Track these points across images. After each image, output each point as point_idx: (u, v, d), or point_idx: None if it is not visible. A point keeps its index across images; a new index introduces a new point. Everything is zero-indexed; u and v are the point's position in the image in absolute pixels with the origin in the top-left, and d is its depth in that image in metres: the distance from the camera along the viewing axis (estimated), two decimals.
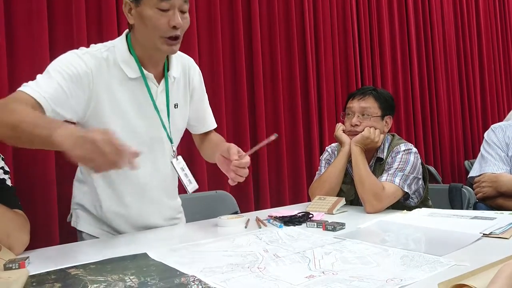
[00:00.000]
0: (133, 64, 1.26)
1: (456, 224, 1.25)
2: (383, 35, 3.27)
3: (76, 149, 0.87)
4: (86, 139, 0.87)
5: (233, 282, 0.82)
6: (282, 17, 2.70)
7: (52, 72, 1.15)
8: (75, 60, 1.18)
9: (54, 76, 1.13)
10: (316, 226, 1.29)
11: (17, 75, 1.73)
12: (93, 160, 0.87)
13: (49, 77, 1.13)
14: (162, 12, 1.17)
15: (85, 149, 0.87)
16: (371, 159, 1.74)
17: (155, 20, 1.17)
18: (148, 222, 1.40)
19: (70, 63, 1.17)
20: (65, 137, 0.89)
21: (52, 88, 1.11)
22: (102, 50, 1.25)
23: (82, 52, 1.22)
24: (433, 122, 3.60)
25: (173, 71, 1.35)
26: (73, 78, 1.16)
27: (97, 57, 1.23)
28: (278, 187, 2.58)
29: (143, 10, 1.18)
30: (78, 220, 1.40)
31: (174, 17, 1.17)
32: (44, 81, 1.12)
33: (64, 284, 0.85)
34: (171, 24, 1.17)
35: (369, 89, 1.77)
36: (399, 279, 0.80)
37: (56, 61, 1.19)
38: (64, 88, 1.14)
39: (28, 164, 1.73)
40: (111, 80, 1.24)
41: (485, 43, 4.12)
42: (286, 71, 2.69)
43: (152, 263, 0.98)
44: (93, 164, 0.88)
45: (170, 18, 1.17)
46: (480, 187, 1.72)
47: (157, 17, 1.17)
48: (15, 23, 1.73)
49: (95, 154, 0.86)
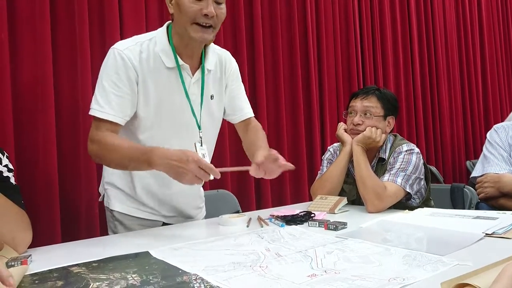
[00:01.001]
0: (171, 54, 1.33)
1: (459, 224, 1.25)
2: (385, 35, 3.27)
3: (170, 172, 1.15)
4: (185, 169, 1.12)
5: (235, 281, 0.82)
6: (284, 15, 2.70)
7: (106, 86, 1.28)
8: (120, 63, 1.28)
9: (111, 90, 1.28)
10: (318, 226, 1.29)
11: (20, 72, 1.73)
12: (183, 178, 1.13)
13: (107, 93, 1.28)
14: (197, 0, 1.24)
15: (177, 171, 1.13)
16: (373, 159, 1.74)
17: (188, 7, 1.24)
18: (178, 206, 1.50)
19: (117, 68, 1.28)
20: (162, 166, 1.16)
21: (116, 103, 1.28)
22: (142, 41, 1.33)
23: (122, 47, 1.30)
24: (435, 122, 3.59)
25: (208, 63, 1.40)
26: (125, 82, 1.29)
27: (135, 50, 1.31)
28: (279, 187, 2.58)
29: (180, 0, 1.25)
30: (110, 199, 1.46)
31: (206, 5, 1.24)
32: (105, 100, 1.27)
33: (66, 282, 0.85)
34: (203, 12, 1.23)
35: (372, 88, 1.77)
36: (401, 278, 0.80)
37: (105, 71, 1.30)
38: (120, 95, 1.28)
39: (30, 162, 1.73)
40: (150, 69, 1.32)
41: (487, 43, 4.11)
42: (287, 70, 2.69)
43: (154, 262, 0.98)
44: (184, 181, 1.13)
45: (203, 6, 1.24)
46: (483, 188, 1.72)
47: (191, 5, 1.24)
48: (18, 20, 1.73)
49: (184, 174, 1.12)
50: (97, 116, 1.28)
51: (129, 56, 1.29)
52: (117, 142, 1.25)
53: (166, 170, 1.15)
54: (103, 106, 1.27)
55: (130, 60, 1.29)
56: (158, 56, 1.32)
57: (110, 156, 1.26)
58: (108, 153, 1.26)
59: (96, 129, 1.28)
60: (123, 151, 1.23)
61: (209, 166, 1.13)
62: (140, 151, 1.21)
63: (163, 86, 1.34)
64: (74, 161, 1.85)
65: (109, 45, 1.91)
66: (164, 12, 2.12)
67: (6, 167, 1.16)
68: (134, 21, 2.03)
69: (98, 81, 1.31)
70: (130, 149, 1.23)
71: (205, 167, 1.12)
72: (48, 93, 1.76)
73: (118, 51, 1.29)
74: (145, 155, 1.18)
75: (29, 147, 1.74)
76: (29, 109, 1.74)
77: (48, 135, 1.76)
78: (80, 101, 1.86)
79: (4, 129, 1.65)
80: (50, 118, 1.76)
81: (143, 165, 1.19)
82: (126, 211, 1.44)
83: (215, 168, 1.13)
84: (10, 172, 1.16)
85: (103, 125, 1.27)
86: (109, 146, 1.24)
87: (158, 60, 1.32)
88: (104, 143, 1.25)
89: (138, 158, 1.19)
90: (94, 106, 1.29)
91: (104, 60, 1.32)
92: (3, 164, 1.15)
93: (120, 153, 1.23)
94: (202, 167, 1.11)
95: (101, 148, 1.26)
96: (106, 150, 1.25)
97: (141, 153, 1.20)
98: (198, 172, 1.11)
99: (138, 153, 1.20)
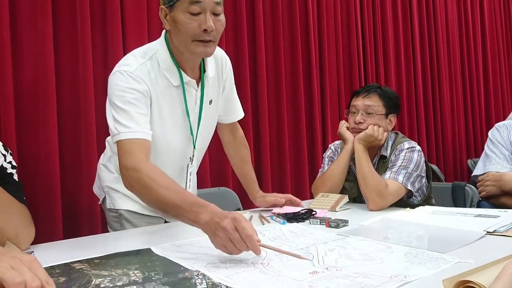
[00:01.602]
0: (175, 72, 1.28)
1: (460, 222, 1.25)
2: (386, 32, 3.26)
3: (214, 237, 0.95)
4: (219, 226, 0.92)
5: (237, 278, 0.83)
6: (285, 14, 2.69)
7: (121, 105, 1.20)
8: (131, 82, 1.22)
9: (128, 108, 1.19)
10: (319, 223, 1.29)
11: (21, 70, 1.74)
12: (225, 246, 0.93)
13: (124, 111, 1.19)
14: (193, 16, 1.16)
15: (219, 236, 0.93)
16: (374, 157, 1.74)
17: (186, 24, 1.17)
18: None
19: (130, 88, 1.21)
20: (205, 226, 0.97)
21: (143, 121, 1.20)
22: (145, 61, 1.27)
23: (131, 69, 1.24)
24: (436, 120, 3.59)
25: (209, 71, 1.35)
26: (141, 100, 1.22)
27: (144, 70, 1.25)
28: (280, 184, 2.58)
29: (176, 15, 1.18)
30: (114, 200, 1.43)
31: (205, 20, 1.16)
32: (129, 120, 1.18)
33: (68, 278, 0.86)
34: (202, 28, 1.17)
35: (374, 87, 1.77)
36: (403, 275, 0.80)
37: (116, 91, 1.21)
38: (142, 112, 1.21)
39: (32, 159, 1.73)
40: (158, 89, 1.28)
41: (489, 41, 4.10)
42: (289, 69, 2.69)
43: (156, 258, 0.98)
44: (226, 250, 0.93)
45: (201, 21, 1.16)
46: (484, 186, 1.72)
47: (189, 21, 1.17)
48: (19, 18, 1.74)
49: (226, 242, 0.92)
50: (128, 138, 1.15)
51: (141, 77, 1.24)
52: (153, 175, 1.09)
53: (209, 234, 0.97)
54: (130, 127, 1.17)
55: (143, 80, 1.23)
56: (164, 75, 1.27)
57: (151, 198, 1.09)
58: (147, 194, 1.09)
59: (128, 155, 1.14)
60: (167, 194, 1.05)
61: (247, 232, 0.90)
62: (189, 198, 1.05)
63: (171, 104, 1.30)
64: (75, 158, 1.85)
65: (110, 43, 1.94)
66: None
67: (10, 164, 1.16)
68: (135, 20, 2.03)
69: (111, 105, 1.21)
70: (177, 192, 1.07)
71: (242, 230, 0.90)
72: (50, 91, 1.77)
73: (128, 72, 1.23)
74: (195, 206, 1.00)
75: (31, 144, 1.74)
76: (31, 107, 1.75)
77: (50, 132, 1.76)
78: (82, 99, 1.86)
79: (6, 126, 1.66)
80: (52, 115, 1.77)
81: (193, 222, 1.00)
82: (134, 209, 1.42)
83: (256, 239, 0.91)
84: (13, 169, 1.16)
85: (135, 147, 1.15)
86: (145, 182, 1.08)
87: (166, 79, 1.28)
88: (145, 174, 1.09)
89: (187, 210, 1.01)
90: (120, 129, 1.17)
91: (112, 82, 1.24)
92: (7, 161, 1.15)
93: (162, 194, 1.06)
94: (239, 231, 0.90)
95: (141, 179, 1.09)
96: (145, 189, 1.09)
97: (191, 202, 1.03)
98: (231, 234, 0.90)
99: (188, 201, 1.03)
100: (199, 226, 0.99)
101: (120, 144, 1.17)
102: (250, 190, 1.61)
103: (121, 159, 1.15)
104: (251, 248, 0.90)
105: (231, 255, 0.94)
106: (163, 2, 1.21)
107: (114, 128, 1.19)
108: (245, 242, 0.90)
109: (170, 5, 1.19)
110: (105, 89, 1.91)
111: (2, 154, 1.15)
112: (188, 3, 1.15)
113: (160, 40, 1.31)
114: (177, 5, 1.17)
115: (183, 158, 1.41)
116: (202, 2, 1.15)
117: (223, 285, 0.79)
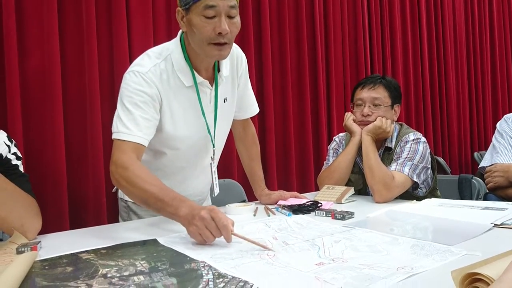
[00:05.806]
0: (188, 72, 1.29)
1: (467, 215, 1.24)
2: (394, 25, 3.23)
3: (190, 226, 1.02)
4: (198, 215, 1.00)
5: (243, 268, 0.83)
6: (291, 5, 2.67)
7: (129, 106, 1.22)
8: (143, 84, 1.24)
9: (134, 110, 1.22)
10: (325, 215, 1.29)
11: (27, 63, 1.74)
12: (200, 235, 1.00)
13: (130, 113, 1.22)
14: (208, 19, 1.17)
15: (195, 225, 1.01)
16: (380, 148, 1.73)
17: (201, 28, 1.18)
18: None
19: (140, 90, 1.23)
20: (184, 218, 1.04)
21: (145, 126, 1.22)
22: (159, 62, 1.28)
23: (144, 70, 1.25)
24: (442, 113, 3.57)
25: (224, 70, 1.36)
26: (149, 103, 1.24)
27: (156, 72, 1.26)
28: (285, 177, 2.58)
29: (192, 18, 1.19)
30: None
31: (219, 24, 1.17)
32: (132, 122, 1.21)
33: (75, 268, 0.86)
34: (217, 31, 1.17)
35: (377, 77, 1.75)
36: (409, 267, 0.80)
37: (127, 91, 1.24)
38: (146, 117, 1.23)
39: (38, 150, 1.74)
40: (171, 89, 1.29)
41: (497, 33, 4.05)
42: (295, 60, 2.67)
43: (162, 249, 0.98)
44: (200, 238, 1.01)
45: (216, 25, 1.17)
46: (492, 177, 1.71)
47: (203, 24, 1.17)
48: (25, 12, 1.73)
49: (202, 229, 1.00)
50: (125, 140, 1.19)
51: (153, 79, 1.25)
52: (140, 173, 1.15)
53: (187, 225, 1.04)
54: (131, 129, 1.20)
55: (154, 83, 1.24)
56: (177, 76, 1.28)
57: (136, 193, 1.15)
58: (133, 189, 1.15)
59: (120, 152, 1.18)
60: (151, 188, 1.12)
61: (223, 222, 0.99)
62: (172, 194, 1.11)
63: (183, 104, 1.31)
64: (81, 150, 1.86)
65: (116, 37, 1.94)
66: (171, 4, 2.10)
67: (14, 155, 1.16)
68: (141, 13, 2.02)
69: (120, 103, 1.24)
70: (161, 188, 1.13)
71: (218, 220, 0.99)
72: (56, 83, 1.77)
73: (141, 74, 1.24)
74: (176, 200, 1.08)
75: (37, 136, 1.75)
76: (37, 99, 1.75)
77: (56, 124, 1.77)
78: (87, 91, 1.86)
79: (13, 118, 1.67)
80: (58, 108, 1.77)
81: (172, 214, 1.08)
82: None
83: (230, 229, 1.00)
84: (18, 160, 1.17)
85: (128, 146, 1.19)
86: (132, 178, 1.14)
87: (178, 80, 1.29)
88: (132, 172, 1.15)
89: (169, 204, 1.08)
90: (121, 129, 1.21)
91: (125, 81, 1.26)
92: (11, 152, 1.16)
93: (147, 188, 1.12)
94: (215, 221, 0.99)
95: (127, 176, 1.15)
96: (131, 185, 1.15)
97: (173, 197, 1.10)
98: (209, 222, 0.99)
99: (170, 195, 1.10)
100: (177, 219, 1.06)
101: (116, 141, 1.21)
102: (256, 187, 1.62)
103: (113, 155, 1.20)
104: (225, 236, 0.99)
105: (204, 244, 1.01)
106: (180, 4, 1.22)
107: (116, 124, 1.23)
108: (220, 230, 0.99)
109: (186, 8, 1.19)
110: (111, 81, 1.93)
111: (6, 144, 1.15)
112: (203, 7, 1.16)
113: (176, 40, 1.31)
114: (192, 8, 1.18)
115: (205, 157, 1.43)
116: (217, 6, 1.16)
117: (229, 275, 0.79)
